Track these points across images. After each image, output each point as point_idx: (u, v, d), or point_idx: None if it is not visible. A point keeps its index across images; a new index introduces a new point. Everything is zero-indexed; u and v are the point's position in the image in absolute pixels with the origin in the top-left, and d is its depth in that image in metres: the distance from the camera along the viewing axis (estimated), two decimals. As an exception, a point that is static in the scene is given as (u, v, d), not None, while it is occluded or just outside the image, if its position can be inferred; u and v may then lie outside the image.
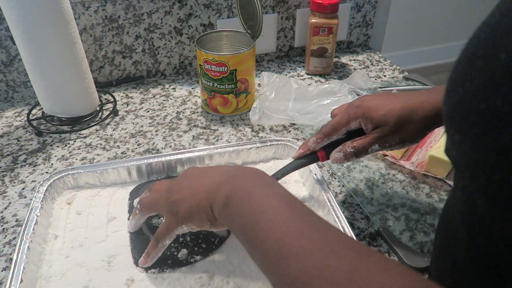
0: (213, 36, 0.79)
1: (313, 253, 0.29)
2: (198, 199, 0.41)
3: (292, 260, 0.30)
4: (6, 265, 0.51)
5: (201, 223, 0.42)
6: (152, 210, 0.49)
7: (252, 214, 0.35)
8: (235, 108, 0.78)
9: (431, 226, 0.56)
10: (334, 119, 0.52)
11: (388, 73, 0.95)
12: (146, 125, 0.77)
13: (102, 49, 0.86)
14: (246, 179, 0.39)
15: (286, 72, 0.96)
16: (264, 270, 0.34)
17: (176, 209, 0.43)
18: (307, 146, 0.53)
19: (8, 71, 0.81)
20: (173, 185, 0.45)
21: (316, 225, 0.32)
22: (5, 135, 0.75)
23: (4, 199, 0.61)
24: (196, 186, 0.42)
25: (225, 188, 0.39)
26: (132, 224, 0.52)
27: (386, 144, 0.49)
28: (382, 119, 0.48)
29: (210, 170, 0.44)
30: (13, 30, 0.66)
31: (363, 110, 0.50)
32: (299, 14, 0.96)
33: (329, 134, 0.52)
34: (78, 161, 0.68)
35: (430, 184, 0.63)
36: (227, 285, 0.47)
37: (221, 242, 0.51)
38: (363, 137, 0.50)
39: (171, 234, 0.45)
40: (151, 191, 0.50)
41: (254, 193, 0.37)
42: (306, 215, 0.34)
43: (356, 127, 0.51)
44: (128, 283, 0.48)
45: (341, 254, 0.29)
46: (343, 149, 0.50)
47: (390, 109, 0.48)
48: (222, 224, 0.41)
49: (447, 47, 2.49)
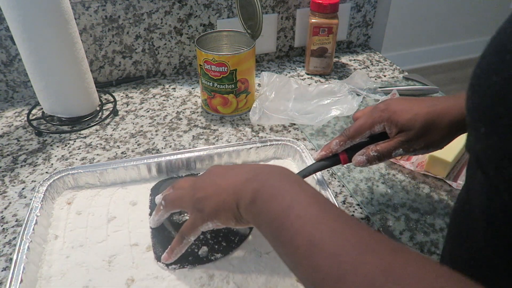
0: (213, 36, 0.79)
1: (346, 249, 0.29)
2: (224, 196, 0.41)
3: (324, 256, 0.30)
4: (6, 265, 0.51)
5: (226, 220, 0.42)
6: (176, 207, 0.49)
7: (281, 211, 0.35)
8: (235, 108, 0.78)
9: (431, 226, 0.56)
10: (358, 122, 0.52)
11: (388, 73, 0.95)
12: (146, 125, 0.77)
13: (102, 49, 0.86)
14: (272, 176, 0.39)
15: (286, 72, 0.96)
16: (292, 266, 0.34)
17: (201, 206, 0.43)
18: (329, 148, 0.53)
19: (8, 71, 0.81)
20: (198, 182, 0.46)
21: (347, 222, 0.32)
22: (5, 135, 0.75)
23: (4, 199, 0.61)
24: (222, 183, 0.42)
25: (252, 185, 0.39)
26: (154, 220, 0.52)
27: (411, 149, 0.49)
28: (407, 123, 0.48)
29: (235, 168, 0.45)
30: (13, 30, 0.66)
31: (388, 113, 0.49)
32: (299, 14, 0.96)
33: (353, 137, 0.52)
34: (78, 161, 0.68)
35: (430, 184, 0.63)
36: (227, 285, 0.47)
37: (241, 240, 0.52)
38: (387, 141, 0.50)
39: (196, 230, 0.45)
40: (175, 188, 0.50)
41: (281, 189, 0.37)
42: (336, 212, 0.34)
43: (380, 130, 0.51)
44: (128, 283, 0.48)
45: (376, 250, 0.29)
46: (366, 152, 0.50)
47: (416, 114, 0.48)
48: (247, 221, 0.41)
49: (447, 47, 2.49)
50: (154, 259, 0.50)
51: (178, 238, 0.47)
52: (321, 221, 0.32)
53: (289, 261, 0.34)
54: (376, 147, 0.50)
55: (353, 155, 0.51)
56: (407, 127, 0.48)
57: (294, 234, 0.33)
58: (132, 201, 0.58)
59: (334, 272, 0.29)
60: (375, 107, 0.52)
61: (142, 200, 0.58)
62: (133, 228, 0.54)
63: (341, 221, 0.32)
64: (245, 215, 0.40)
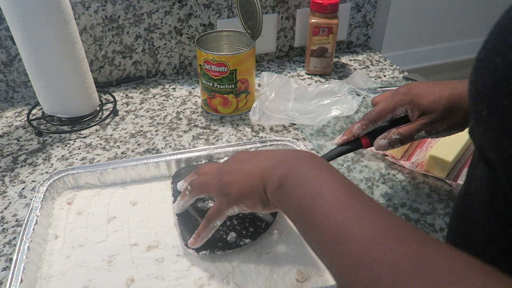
0: (213, 36, 0.79)
1: (374, 237, 0.29)
2: (251, 180, 0.41)
3: (352, 243, 0.30)
4: (6, 265, 0.51)
5: (253, 205, 0.42)
6: (202, 192, 0.49)
7: (309, 196, 0.35)
8: (235, 108, 0.78)
9: (431, 226, 0.56)
10: (380, 105, 0.52)
11: (388, 73, 0.95)
12: (146, 125, 0.77)
13: (102, 49, 0.86)
14: (300, 161, 0.39)
15: (286, 72, 0.96)
16: (319, 252, 0.34)
17: (227, 190, 0.43)
18: (351, 132, 0.52)
19: (8, 71, 0.81)
20: (224, 167, 0.46)
21: (376, 210, 0.32)
22: (5, 135, 0.75)
23: (4, 199, 0.61)
24: (249, 168, 0.42)
25: (280, 169, 0.39)
26: (180, 205, 0.52)
27: (433, 131, 0.50)
28: (430, 105, 0.48)
29: (262, 153, 0.45)
30: (13, 30, 0.66)
31: (411, 96, 0.50)
32: (299, 14, 0.96)
33: (375, 120, 0.52)
34: (78, 161, 0.68)
35: (430, 184, 0.63)
36: (227, 285, 0.47)
37: (268, 226, 0.52)
38: (409, 124, 0.50)
39: (222, 215, 0.45)
40: (200, 174, 0.50)
41: (310, 175, 0.37)
42: (365, 199, 0.34)
43: (402, 113, 0.51)
44: (128, 283, 0.48)
45: (405, 239, 0.29)
46: (388, 136, 0.50)
47: (439, 96, 0.48)
48: (275, 206, 0.41)
49: (447, 47, 2.49)
50: (154, 258, 0.50)
51: (205, 223, 0.47)
52: (349, 208, 0.32)
53: (316, 247, 0.34)
54: (398, 130, 0.50)
55: (374, 139, 0.51)
56: (430, 110, 0.49)
57: (321, 220, 0.33)
58: (132, 201, 0.58)
59: (362, 259, 0.28)
60: (396, 91, 0.52)
61: (142, 200, 0.58)
62: (133, 228, 0.54)
63: (370, 209, 0.32)
64: (272, 199, 0.40)
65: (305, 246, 0.51)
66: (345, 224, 0.31)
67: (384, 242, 0.28)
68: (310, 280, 0.48)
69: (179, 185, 0.56)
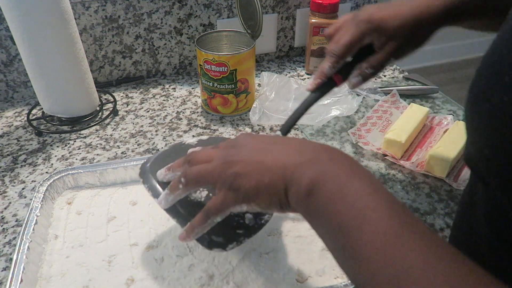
0: (213, 36, 0.79)
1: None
2: (268, 177, 0.35)
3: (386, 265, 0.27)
4: (6, 265, 0.51)
5: (268, 205, 0.36)
6: (202, 183, 0.40)
7: (351, 216, 0.30)
8: (235, 108, 0.78)
9: (431, 226, 0.56)
10: (345, 38, 0.49)
11: (388, 73, 0.95)
12: (146, 125, 0.77)
13: (102, 49, 0.86)
14: (336, 164, 0.33)
15: (286, 72, 0.96)
16: (348, 270, 0.31)
17: (237, 184, 0.36)
18: (323, 73, 0.50)
19: (8, 71, 0.81)
20: (229, 154, 0.38)
21: (433, 243, 0.28)
22: (5, 135, 0.75)
23: (4, 199, 0.61)
24: (265, 160, 0.36)
25: (309, 171, 0.33)
26: (168, 200, 0.42)
27: (402, 55, 0.49)
28: (396, 31, 0.47)
29: (279, 142, 0.38)
30: (13, 30, 0.66)
31: (376, 24, 0.48)
32: (299, 14, 0.96)
33: (344, 55, 0.49)
34: (78, 161, 0.68)
35: (430, 184, 0.63)
36: (227, 285, 0.47)
37: None
38: (377, 55, 0.49)
39: (226, 211, 0.38)
40: (195, 162, 0.40)
41: (350, 187, 0.31)
42: (417, 225, 0.29)
43: (368, 42, 0.49)
44: (128, 283, 0.48)
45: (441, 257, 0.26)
46: (360, 72, 0.50)
47: (403, 19, 0.47)
48: (294, 210, 0.35)
49: (447, 47, 2.49)
50: (154, 258, 0.50)
51: (202, 217, 0.39)
52: (406, 244, 0.27)
53: (346, 265, 0.31)
54: (369, 63, 0.49)
55: (345, 74, 0.51)
56: (396, 35, 0.48)
57: (361, 245, 0.29)
58: (132, 201, 0.58)
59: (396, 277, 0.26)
60: (355, 19, 0.49)
61: (142, 200, 0.58)
62: (133, 228, 0.54)
63: (428, 244, 0.28)
64: (295, 204, 0.34)
65: (305, 246, 0.51)
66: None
67: (421, 260, 0.26)
68: (310, 280, 0.48)
69: (161, 174, 0.45)
